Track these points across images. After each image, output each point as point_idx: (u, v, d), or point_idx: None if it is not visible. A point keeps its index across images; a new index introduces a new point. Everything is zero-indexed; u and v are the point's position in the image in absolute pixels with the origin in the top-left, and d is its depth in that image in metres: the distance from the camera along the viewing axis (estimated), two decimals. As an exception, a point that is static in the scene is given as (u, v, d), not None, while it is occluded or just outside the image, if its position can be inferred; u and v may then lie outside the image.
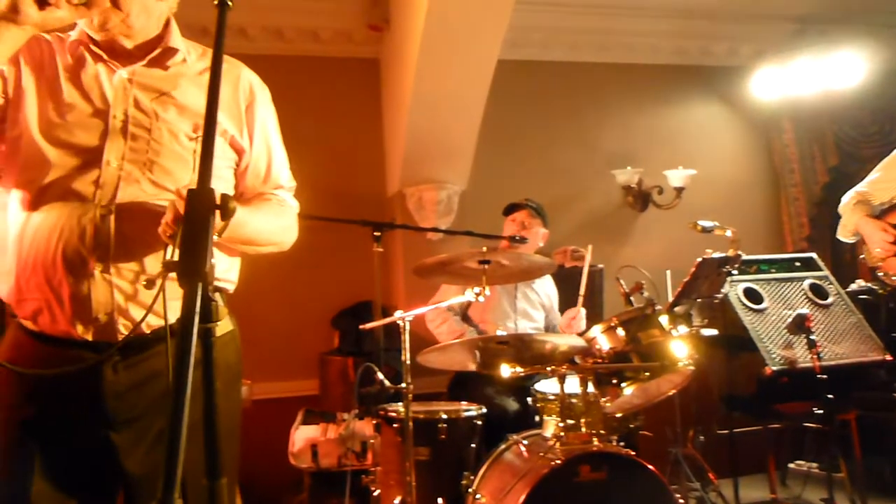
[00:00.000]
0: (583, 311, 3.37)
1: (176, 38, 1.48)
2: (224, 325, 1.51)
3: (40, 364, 1.37)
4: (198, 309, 0.78)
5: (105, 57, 1.41)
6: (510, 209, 3.66)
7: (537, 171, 4.48)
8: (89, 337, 1.35)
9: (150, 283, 1.20)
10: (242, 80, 1.53)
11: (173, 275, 1.18)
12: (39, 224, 1.35)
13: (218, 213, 0.89)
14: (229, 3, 1.05)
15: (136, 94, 1.41)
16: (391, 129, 4.28)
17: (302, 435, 3.33)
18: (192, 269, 0.81)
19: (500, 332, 3.06)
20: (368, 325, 2.97)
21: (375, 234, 2.94)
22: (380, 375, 2.77)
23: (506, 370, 2.67)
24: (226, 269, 1.53)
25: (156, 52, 1.44)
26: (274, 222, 1.55)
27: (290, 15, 4.14)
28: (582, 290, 3.31)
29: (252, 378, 2.91)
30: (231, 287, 1.55)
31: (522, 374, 2.72)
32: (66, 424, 1.36)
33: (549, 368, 2.64)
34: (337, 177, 4.05)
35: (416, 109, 3.78)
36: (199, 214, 0.84)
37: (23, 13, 1.22)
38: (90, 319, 1.34)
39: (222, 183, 1.50)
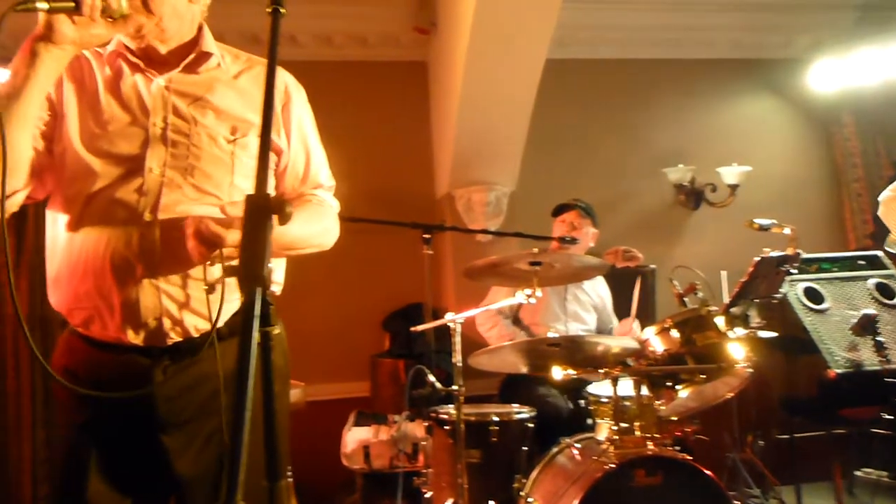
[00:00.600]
0: (636, 323, 3.30)
1: (209, 43, 1.49)
2: (273, 330, 1.52)
3: (94, 368, 1.40)
4: (257, 312, 0.79)
5: (142, 66, 1.43)
6: (559, 210, 3.63)
7: (586, 170, 4.43)
8: (139, 342, 1.37)
9: (211, 288, 1.21)
10: (277, 82, 1.52)
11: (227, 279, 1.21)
12: (87, 234, 1.38)
13: (276, 217, 0.89)
14: (282, 10, 1.05)
15: (174, 101, 1.43)
16: (439, 132, 4.29)
17: (354, 436, 3.36)
18: (252, 273, 0.82)
19: (550, 335, 3.04)
20: (419, 328, 2.98)
21: (425, 236, 2.95)
22: (431, 378, 2.78)
23: (557, 372, 2.64)
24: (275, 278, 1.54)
25: (190, 57, 1.45)
26: (314, 226, 1.54)
27: (338, 21, 4.19)
28: (635, 303, 3.23)
29: (305, 380, 2.95)
30: (278, 289, 1.56)
31: (574, 377, 2.69)
32: (120, 427, 1.39)
33: (601, 371, 2.60)
34: (386, 179, 4.08)
35: (464, 111, 3.78)
36: (257, 219, 0.85)
37: (59, 32, 1.24)
38: (139, 325, 1.36)
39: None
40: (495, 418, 2.78)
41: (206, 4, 1.49)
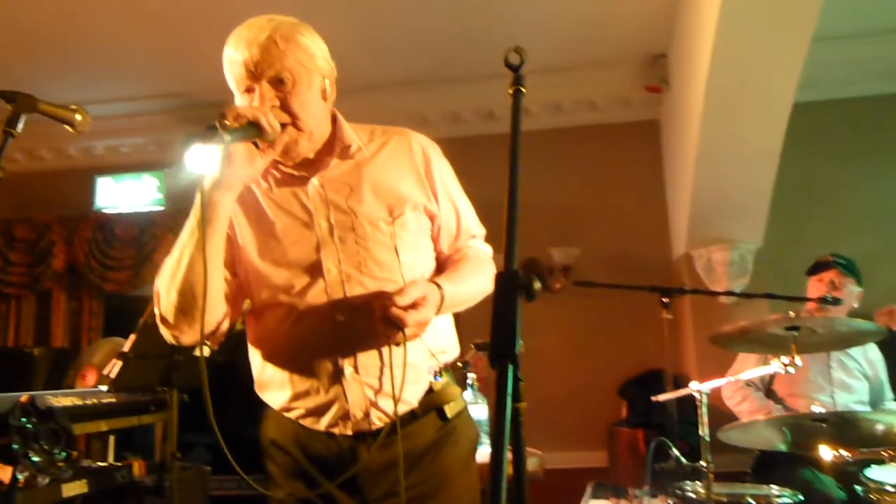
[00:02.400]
0: None
1: (347, 132, 1.51)
2: (458, 403, 1.55)
3: (302, 444, 1.48)
4: (510, 390, 0.80)
5: (295, 173, 1.47)
6: (816, 268, 3.27)
7: (845, 221, 4.03)
8: (349, 432, 1.44)
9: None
10: (414, 147, 1.54)
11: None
12: (288, 342, 1.45)
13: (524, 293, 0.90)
14: (523, 90, 1.09)
15: (331, 198, 1.46)
16: (675, 190, 4.14)
17: (592, 509, 3.23)
18: (504, 350, 0.84)
19: (815, 409, 2.71)
20: (662, 397, 2.81)
21: (664, 300, 2.82)
22: (674, 451, 2.60)
23: (826, 453, 2.34)
24: (451, 343, 1.56)
25: (335, 152, 1.48)
26: (480, 278, 1.53)
27: (568, 89, 4.28)
28: None
29: (541, 447, 2.92)
30: (453, 354, 1.57)
31: (848, 459, 2.35)
32: (328, 496, 1.45)
33: (885, 453, 2.25)
34: (620, 242, 4.03)
35: (701, 166, 3.62)
36: (507, 296, 0.87)
37: (237, 178, 1.35)
38: (349, 418, 1.43)
39: (422, 255, 1.53)
40: (751, 501, 2.51)
41: (334, 97, 1.53)
